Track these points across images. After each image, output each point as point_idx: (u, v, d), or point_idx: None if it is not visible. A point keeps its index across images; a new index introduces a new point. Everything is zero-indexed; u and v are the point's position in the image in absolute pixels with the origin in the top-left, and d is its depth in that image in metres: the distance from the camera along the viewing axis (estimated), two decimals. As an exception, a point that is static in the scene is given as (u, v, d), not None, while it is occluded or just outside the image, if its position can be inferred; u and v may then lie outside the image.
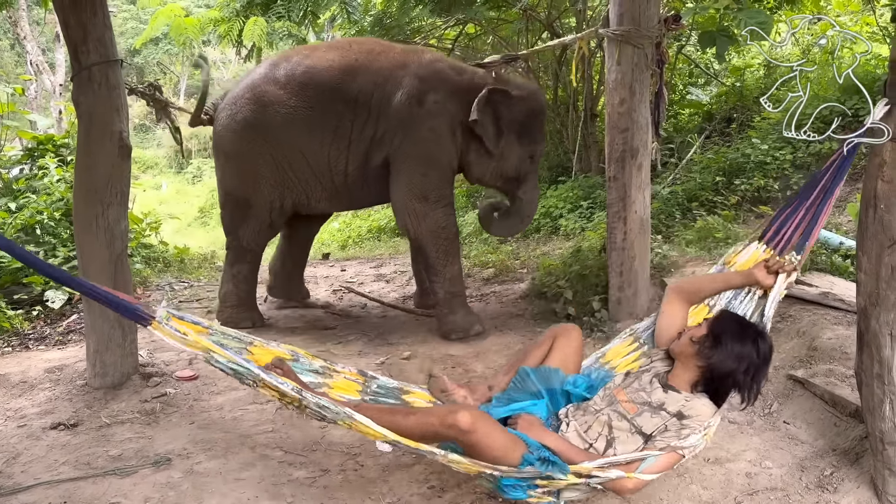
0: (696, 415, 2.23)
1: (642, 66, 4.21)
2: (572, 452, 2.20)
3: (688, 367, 2.32)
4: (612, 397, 2.37)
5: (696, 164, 6.83)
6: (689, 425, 2.20)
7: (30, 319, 5.08)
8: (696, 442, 2.17)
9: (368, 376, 2.72)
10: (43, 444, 3.11)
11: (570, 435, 2.31)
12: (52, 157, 6.73)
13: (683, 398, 2.28)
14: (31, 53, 14.59)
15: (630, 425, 2.27)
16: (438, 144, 4.50)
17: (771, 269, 2.50)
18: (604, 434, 2.28)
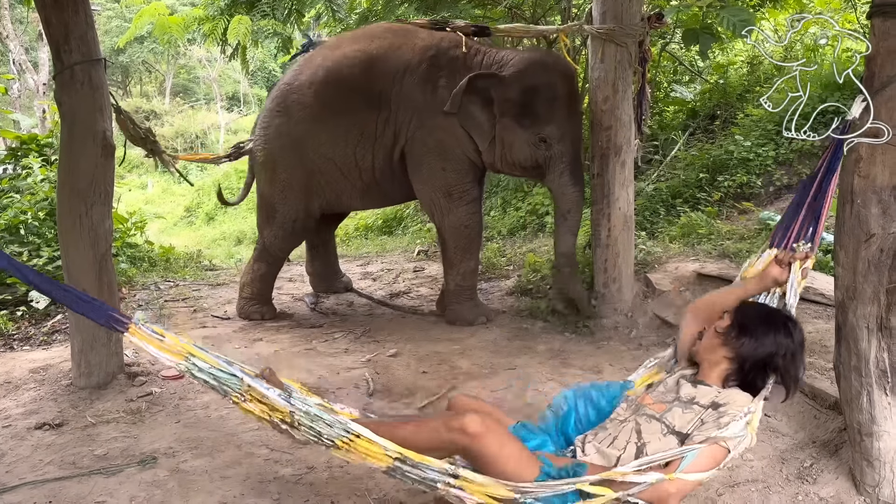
0: (732, 402, 1.99)
1: (625, 63, 4.25)
2: (598, 470, 1.89)
3: (716, 363, 2.13)
4: (638, 405, 2.13)
5: (680, 161, 6.88)
6: (728, 412, 1.94)
7: (14, 320, 5.05)
8: (740, 431, 1.89)
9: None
10: (28, 444, 3.10)
11: (591, 458, 2.01)
12: (36, 157, 6.69)
13: (715, 390, 2.07)
14: (13, 52, 14.48)
15: (661, 425, 2.00)
16: (452, 134, 4.43)
17: (783, 262, 2.36)
18: (632, 441, 1.99)
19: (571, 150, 4.32)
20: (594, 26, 4.25)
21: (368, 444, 1.87)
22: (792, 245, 2.42)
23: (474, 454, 1.90)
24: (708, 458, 1.85)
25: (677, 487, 1.81)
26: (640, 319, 4.40)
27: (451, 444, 1.94)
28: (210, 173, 17.13)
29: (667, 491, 1.80)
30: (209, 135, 22.33)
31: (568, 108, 4.31)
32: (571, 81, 4.40)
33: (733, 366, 2.11)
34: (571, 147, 4.31)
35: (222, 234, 12.40)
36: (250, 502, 2.55)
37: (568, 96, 4.32)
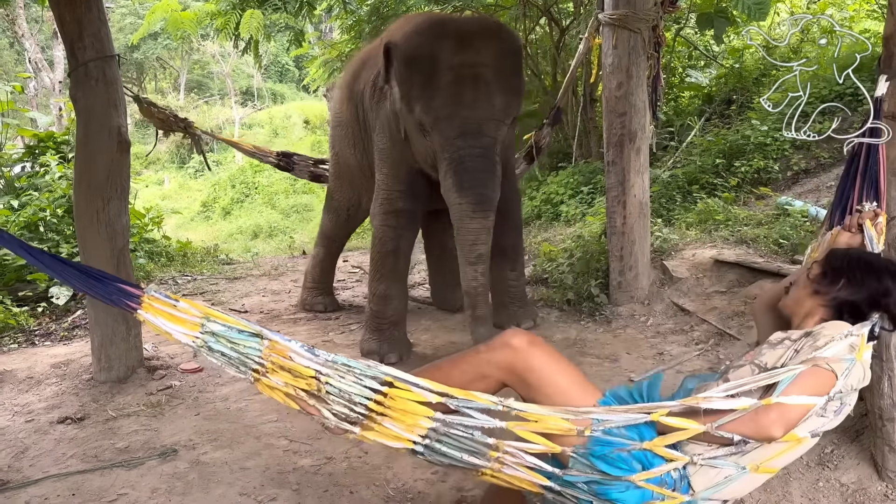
0: (829, 327, 1.73)
1: (639, 49, 4.21)
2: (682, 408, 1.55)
3: (809, 313, 1.87)
4: (725, 369, 1.87)
5: (696, 146, 6.82)
6: (824, 335, 1.67)
7: (35, 316, 5.12)
8: (844, 354, 1.60)
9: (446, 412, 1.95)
10: (51, 438, 3.14)
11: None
12: (53, 155, 6.76)
13: (805, 330, 1.79)
14: (29, 51, 14.63)
15: (751, 367, 1.75)
16: (387, 134, 3.77)
17: (851, 227, 2.09)
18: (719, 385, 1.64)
19: (454, 144, 3.18)
20: (607, 13, 4.22)
21: (405, 397, 1.59)
22: (857, 208, 2.18)
23: (523, 373, 1.68)
24: (811, 380, 1.54)
25: (778, 414, 1.49)
26: (656, 307, 4.38)
27: (496, 367, 1.72)
28: (226, 168, 17.24)
29: (768, 418, 1.48)
30: (224, 130, 22.43)
31: (453, 84, 3.17)
32: (466, 48, 3.20)
33: (829, 311, 1.84)
34: (456, 138, 3.18)
35: (239, 228, 12.48)
36: (270, 493, 2.57)
37: (456, 68, 3.18)
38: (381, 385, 1.61)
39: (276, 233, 12.12)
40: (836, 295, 1.83)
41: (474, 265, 3.17)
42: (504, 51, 3.30)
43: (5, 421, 3.35)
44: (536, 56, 8.56)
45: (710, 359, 3.52)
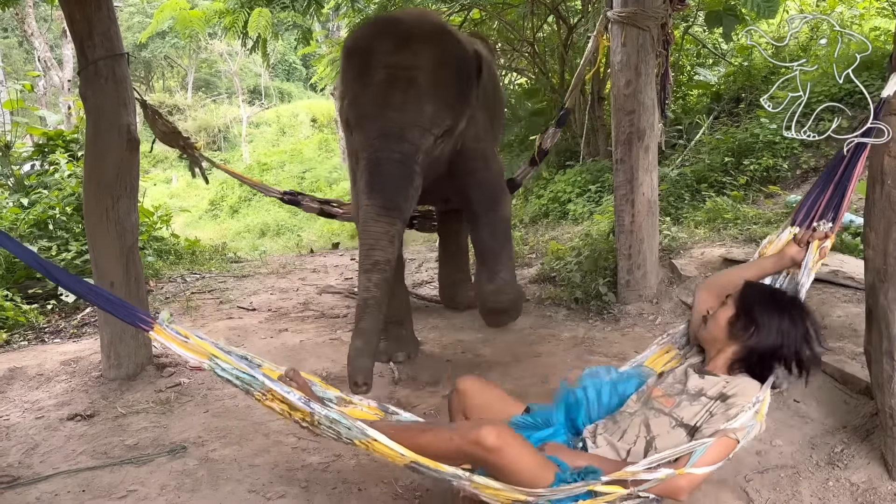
0: (740, 392, 1.98)
1: (648, 47, 4.20)
2: (610, 466, 1.90)
3: (721, 352, 2.12)
4: (647, 397, 2.14)
5: (705, 145, 6.80)
6: (736, 403, 1.94)
7: (45, 313, 5.14)
8: (749, 422, 1.89)
9: (389, 412, 2.40)
10: (61, 434, 3.15)
11: (602, 450, 2.04)
12: (63, 153, 6.79)
13: (723, 380, 2.05)
14: (38, 50, 14.69)
15: (670, 419, 2.02)
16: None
17: (801, 242, 2.32)
18: (642, 435, 2.01)
19: (373, 144, 2.96)
20: (615, 10, 4.21)
21: (385, 448, 1.90)
22: (814, 224, 2.37)
23: (490, 465, 1.88)
24: (718, 451, 1.85)
25: (688, 481, 1.82)
26: (665, 306, 4.37)
27: (466, 455, 1.92)
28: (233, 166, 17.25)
29: (678, 485, 1.82)
30: (231, 128, 22.51)
31: (383, 84, 2.97)
32: (404, 49, 3.01)
33: (738, 356, 2.09)
34: (375, 138, 2.96)
35: (246, 226, 12.51)
36: (278, 490, 2.58)
37: (389, 67, 2.98)
38: (365, 436, 1.92)
39: (283, 231, 12.15)
40: (747, 343, 2.06)
41: (368, 273, 2.89)
42: (446, 59, 3.08)
43: (16, 417, 3.37)
44: (544, 54, 8.55)
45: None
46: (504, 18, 8.22)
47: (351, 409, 2.33)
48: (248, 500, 2.53)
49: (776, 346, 2.04)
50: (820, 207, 2.42)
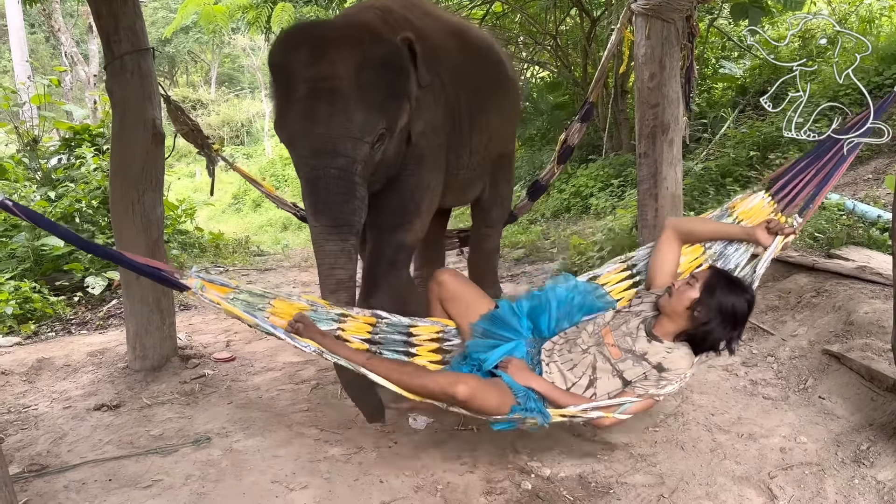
0: (675, 368, 2.41)
1: (672, 40, 4.15)
2: (556, 394, 2.42)
3: (675, 322, 2.47)
4: (600, 337, 2.52)
5: (730, 139, 6.73)
6: (668, 377, 2.40)
7: (71, 305, 5.22)
8: (672, 390, 2.42)
9: (380, 317, 2.81)
10: (87, 424, 3.20)
11: (553, 376, 2.49)
12: (89, 147, 6.87)
13: (665, 349, 2.44)
14: (65, 45, 14.86)
15: (612, 369, 2.46)
16: None
17: (771, 231, 2.61)
18: (587, 374, 2.47)
19: (308, 163, 2.82)
20: (640, 2, 4.16)
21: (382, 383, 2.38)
22: (787, 208, 2.70)
23: (463, 407, 2.33)
24: (640, 406, 2.39)
25: (611, 422, 2.38)
26: (688, 301, 4.34)
27: (445, 399, 2.34)
28: (256, 161, 17.39)
29: (602, 422, 2.40)
30: (254, 123, 22.64)
31: (306, 98, 2.83)
32: (320, 59, 2.81)
33: (689, 332, 2.46)
34: (309, 157, 2.82)
35: (269, 220, 12.58)
36: (301, 481, 2.60)
37: (308, 81, 2.81)
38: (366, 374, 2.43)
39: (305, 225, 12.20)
40: (699, 328, 2.44)
41: (335, 293, 2.83)
42: (367, 60, 2.86)
43: (44, 407, 3.43)
44: (567, 47, 8.50)
45: (743, 353, 3.48)
46: (526, 12, 8.19)
47: (350, 321, 2.75)
48: (271, 490, 2.55)
49: (719, 340, 2.46)
50: (797, 189, 2.71)
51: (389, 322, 2.80)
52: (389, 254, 3.24)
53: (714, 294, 2.41)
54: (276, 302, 2.71)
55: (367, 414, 2.86)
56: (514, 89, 4.31)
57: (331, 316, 2.74)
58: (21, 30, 14.58)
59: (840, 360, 3.12)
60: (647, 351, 2.45)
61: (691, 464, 2.63)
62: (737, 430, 2.83)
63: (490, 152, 4.02)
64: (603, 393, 2.44)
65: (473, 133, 3.76)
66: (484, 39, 4.14)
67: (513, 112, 4.30)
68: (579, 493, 2.49)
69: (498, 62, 4.11)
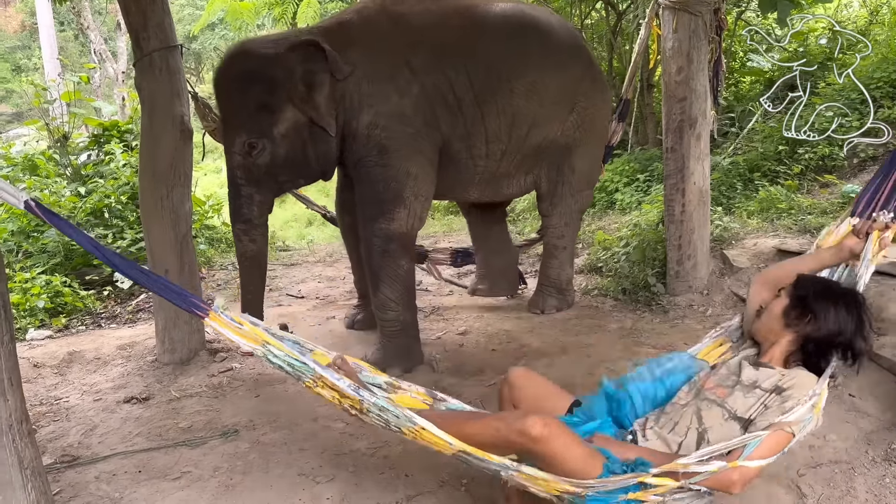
0: (797, 385, 1.93)
1: (700, 33, 4.12)
2: (660, 459, 1.87)
3: (777, 343, 2.10)
4: (699, 388, 2.11)
5: (758, 133, 6.63)
6: (793, 396, 1.89)
7: (101, 299, 5.30)
8: (805, 416, 1.83)
9: (437, 398, 2.40)
10: (117, 416, 3.25)
11: (652, 443, 2.03)
12: (118, 143, 6.95)
13: (778, 373, 2.01)
14: (94, 42, 15.02)
15: (722, 410, 1.98)
16: None
17: (860, 233, 2.29)
18: (693, 427, 1.99)
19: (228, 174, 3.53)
20: (667, -5, 4.13)
21: (433, 437, 1.92)
22: (873, 214, 2.33)
23: (538, 455, 1.85)
24: (772, 445, 1.80)
25: (741, 474, 1.76)
26: (716, 297, 4.29)
27: (513, 445, 1.90)
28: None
29: (730, 478, 1.76)
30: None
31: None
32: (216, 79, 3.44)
33: (794, 346, 2.07)
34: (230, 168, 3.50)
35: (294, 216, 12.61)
36: (327, 474, 2.62)
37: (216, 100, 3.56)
38: (413, 424, 1.95)
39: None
40: (802, 332, 2.05)
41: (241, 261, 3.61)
42: (241, 78, 3.33)
43: (75, 399, 3.49)
44: (592, 41, 8.44)
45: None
46: (550, 5, 8.14)
47: (400, 394, 2.36)
48: (297, 483, 2.57)
49: (832, 334, 2.02)
50: (881, 198, 2.37)
51: (449, 406, 2.39)
52: (378, 244, 3.51)
53: (804, 290, 2.10)
54: (313, 355, 2.34)
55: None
56: (560, 65, 3.92)
57: (377, 382, 2.38)
58: (51, 27, 14.80)
59: (871, 357, 3.07)
60: (756, 378, 2.02)
61: (718, 461, 2.60)
62: (765, 428, 2.80)
63: (524, 139, 3.83)
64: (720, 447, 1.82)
65: (487, 118, 3.66)
66: (508, 17, 3.80)
67: (560, 91, 3.92)
68: (605, 490, 2.48)
69: (526, 37, 3.79)
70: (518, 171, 4.01)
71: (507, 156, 3.85)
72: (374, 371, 2.44)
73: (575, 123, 4.01)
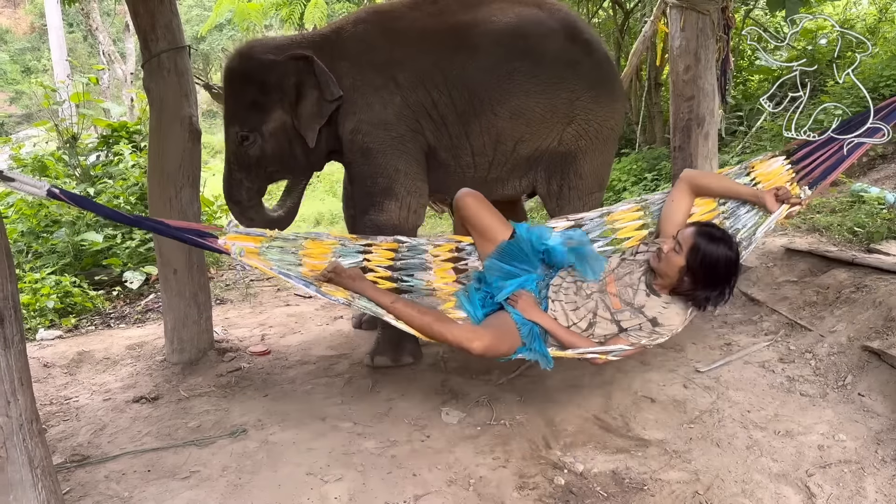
0: (668, 324, 2.63)
1: (707, 31, 4.10)
2: (560, 332, 2.66)
3: (667, 281, 2.62)
4: (604, 285, 2.72)
5: (766, 131, 6.62)
6: (660, 332, 2.63)
7: (110, 299, 5.32)
8: (661, 341, 2.64)
9: (401, 242, 3.08)
10: (127, 416, 3.27)
11: (557, 314, 2.71)
12: (127, 144, 6.98)
13: (661, 304, 2.64)
14: (102, 44, 15.09)
15: (611, 317, 2.67)
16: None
17: (779, 198, 2.72)
18: (587, 318, 2.69)
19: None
20: (674, -6, 4.11)
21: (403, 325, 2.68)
22: (802, 180, 2.83)
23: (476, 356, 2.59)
24: (631, 352, 2.65)
25: (603, 362, 2.66)
26: (723, 296, 4.27)
27: (460, 349, 2.60)
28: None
29: (596, 362, 2.67)
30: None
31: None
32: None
33: (680, 289, 2.61)
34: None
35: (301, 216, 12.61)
36: (335, 473, 2.63)
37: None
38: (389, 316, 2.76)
39: (337, 220, 12.26)
40: (690, 292, 2.61)
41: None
42: (240, 77, 3.60)
43: (85, 399, 3.50)
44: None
45: (780, 349, 3.43)
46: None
47: (375, 249, 3.03)
48: (305, 482, 2.58)
49: (707, 298, 2.60)
50: (816, 162, 2.84)
51: (410, 245, 3.08)
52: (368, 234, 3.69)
53: (699, 257, 2.53)
54: (307, 243, 2.95)
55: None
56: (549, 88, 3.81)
57: (357, 248, 3.00)
58: (60, 29, 14.88)
59: (880, 356, 3.06)
60: (644, 304, 2.64)
61: (727, 461, 2.60)
62: (773, 428, 2.79)
63: (512, 153, 3.83)
64: (599, 336, 2.68)
65: (471, 136, 3.70)
66: (502, 39, 3.71)
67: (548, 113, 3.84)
68: (613, 490, 2.49)
69: (513, 62, 3.72)
70: (511, 176, 3.99)
71: (496, 166, 3.86)
72: (354, 239, 3.07)
73: (576, 134, 3.91)
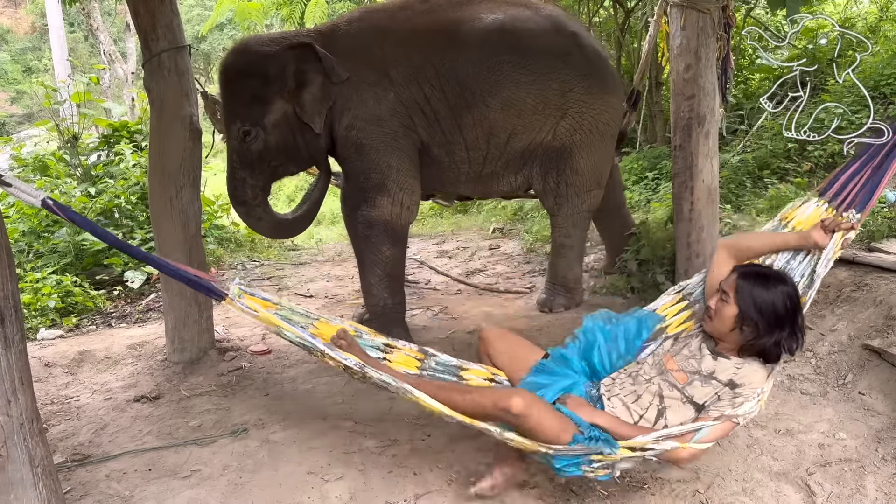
0: (748, 383, 2.19)
1: (708, 30, 4.09)
2: (623, 429, 2.19)
3: (728, 341, 2.27)
4: (662, 366, 2.34)
5: (767, 130, 6.61)
6: (743, 393, 2.18)
7: (111, 299, 5.32)
8: (751, 409, 2.15)
9: (428, 354, 2.73)
10: (127, 415, 3.27)
11: (617, 410, 2.30)
12: (127, 143, 6.98)
13: (734, 365, 2.23)
14: (103, 43, 15.09)
15: (681, 395, 2.25)
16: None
17: (828, 229, 2.38)
18: (654, 404, 2.27)
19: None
20: (675, -7, 4.11)
21: (427, 405, 2.23)
22: (843, 212, 2.46)
23: (517, 427, 2.16)
24: (719, 432, 2.15)
25: (689, 453, 2.13)
26: (724, 295, 4.27)
27: (497, 418, 2.20)
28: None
29: (679, 455, 2.12)
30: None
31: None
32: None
33: (744, 342, 2.22)
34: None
35: (302, 215, 12.67)
36: (336, 472, 2.63)
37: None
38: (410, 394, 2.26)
39: (338, 220, 12.26)
40: (755, 343, 2.20)
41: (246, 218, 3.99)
42: (239, 71, 3.66)
43: (86, 398, 3.51)
44: (600, 39, 8.42)
45: (781, 348, 3.43)
46: (559, 3, 8.13)
47: (396, 353, 2.69)
48: (306, 481, 2.58)
49: (776, 341, 2.18)
50: (853, 190, 2.50)
51: (438, 360, 2.71)
52: (360, 230, 3.82)
53: (750, 298, 2.20)
54: (318, 323, 2.69)
55: None
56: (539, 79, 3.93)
57: (375, 344, 2.70)
58: (61, 29, 14.88)
59: (881, 355, 3.06)
60: (714, 369, 2.25)
61: (727, 459, 2.60)
62: (774, 426, 2.80)
63: (505, 146, 3.91)
64: (675, 423, 2.20)
65: (464, 130, 3.82)
66: (490, 33, 3.84)
67: (540, 104, 3.95)
68: (613, 488, 2.49)
69: (502, 55, 3.83)
70: (506, 171, 4.05)
71: (490, 160, 3.94)
72: (373, 334, 2.74)
73: (570, 128, 3.98)
